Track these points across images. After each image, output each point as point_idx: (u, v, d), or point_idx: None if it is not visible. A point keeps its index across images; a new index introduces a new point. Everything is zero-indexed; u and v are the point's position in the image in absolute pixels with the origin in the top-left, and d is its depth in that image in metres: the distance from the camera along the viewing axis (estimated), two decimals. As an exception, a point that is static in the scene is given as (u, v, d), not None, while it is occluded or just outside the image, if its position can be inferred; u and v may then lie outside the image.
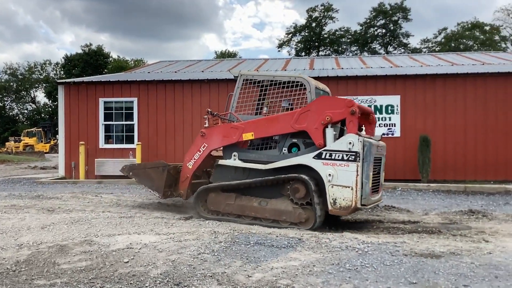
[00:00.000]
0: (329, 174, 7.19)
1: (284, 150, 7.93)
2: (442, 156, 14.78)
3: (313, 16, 57.44)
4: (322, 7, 57.23)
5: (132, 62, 65.65)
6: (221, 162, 8.50)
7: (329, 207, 7.22)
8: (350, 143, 7.08)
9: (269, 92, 8.48)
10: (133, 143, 16.08)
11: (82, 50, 63.79)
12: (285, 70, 19.41)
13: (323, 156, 7.31)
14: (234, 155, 8.32)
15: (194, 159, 8.91)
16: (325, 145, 7.35)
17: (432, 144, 14.16)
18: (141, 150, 15.61)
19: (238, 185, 8.18)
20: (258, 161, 8.11)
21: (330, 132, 7.38)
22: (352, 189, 7.06)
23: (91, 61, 60.51)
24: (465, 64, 18.70)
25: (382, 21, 54.41)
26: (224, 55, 60.12)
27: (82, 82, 16.92)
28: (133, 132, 16.36)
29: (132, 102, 16.39)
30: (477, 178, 14.61)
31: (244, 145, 8.42)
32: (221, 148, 8.68)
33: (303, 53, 56.35)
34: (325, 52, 56.85)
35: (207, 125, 8.77)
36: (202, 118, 15.97)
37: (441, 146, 14.79)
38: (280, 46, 59.75)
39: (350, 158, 7.08)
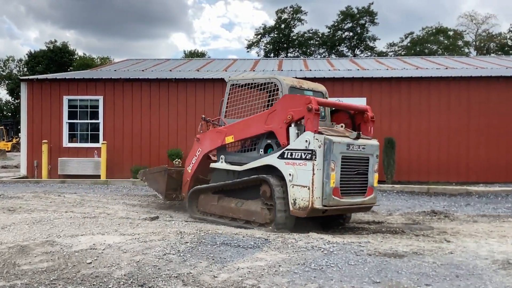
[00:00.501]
0: (290, 174, 7.14)
1: (261, 151, 7.95)
2: (407, 158, 15.08)
3: (282, 18, 57.76)
4: (291, 9, 57.62)
5: (98, 60, 64.51)
6: (212, 165, 8.86)
7: (290, 207, 7.13)
8: (306, 141, 6.96)
9: (250, 94, 8.44)
10: (98, 142, 15.80)
11: (47, 46, 62.29)
12: (254, 70, 19.44)
13: (285, 156, 7.26)
14: (221, 158, 8.56)
15: (192, 163, 9.35)
16: (288, 144, 7.31)
17: (397, 146, 14.42)
18: (106, 149, 15.35)
19: (214, 187, 8.51)
20: (239, 163, 8.18)
21: (292, 131, 7.28)
22: (309, 188, 6.88)
23: (55, 58, 59.14)
24: (430, 68, 19.14)
25: (350, 25, 55.17)
26: (193, 55, 59.76)
27: (45, 79, 16.52)
28: (99, 131, 16.07)
29: (97, 100, 16.11)
30: (440, 180, 14.96)
31: (234, 148, 8.61)
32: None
33: (272, 54, 56.57)
34: (294, 53, 57.24)
35: (200, 131, 9.31)
36: (169, 117, 15.93)
37: (405, 148, 15.08)
38: (249, 46, 59.87)
39: (307, 157, 6.92)
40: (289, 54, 56.66)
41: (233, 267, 4.98)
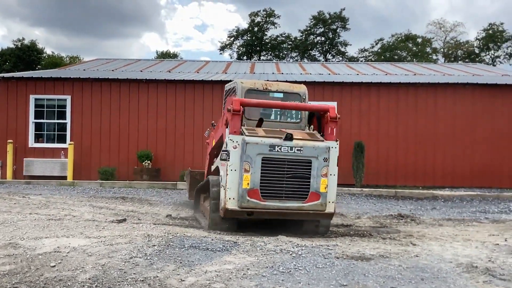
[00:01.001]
0: (220, 175, 7.30)
1: None
2: (375, 162, 15.29)
3: (256, 21, 57.88)
4: (264, 13, 57.79)
5: (68, 59, 63.28)
6: (212, 166, 9.16)
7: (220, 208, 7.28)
8: (225, 142, 7.22)
9: (228, 99, 8.41)
10: (65, 143, 15.49)
11: (14, 44, 60.64)
12: (225, 73, 19.41)
13: (220, 158, 7.40)
14: (214, 160, 8.90)
15: (206, 165, 9.91)
16: None
17: (366, 150, 14.61)
18: (73, 150, 15.05)
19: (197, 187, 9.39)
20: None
21: (226, 132, 7.29)
22: (224, 189, 6.99)
23: (23, 56, 57.65)
24: (399, 74, 19.48)
25: (322, 29, 55.69)
26: (165, 56, 59.22)
27: (12, 77, 16.12)
28: (66, 131, 15.77)
29: (65, 100, 15.82)
30: (407, 184, 15.23)
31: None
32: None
33: (244, 57, 56.59)
34: (267, 56, 57.39)
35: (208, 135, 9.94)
36: (139, 119, 15.74)
37: (374, 152, 15.30)
38: (222, 49, 59.73)
39: (225, 158, 6.97)
40: (262, 57, 56.78)
41: (201, 271, 4.94)
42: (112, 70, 19.31)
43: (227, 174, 6.85)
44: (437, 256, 5.87)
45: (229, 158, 6.86)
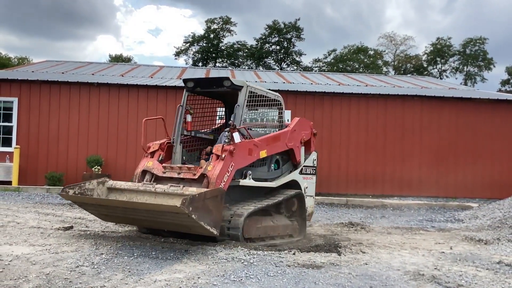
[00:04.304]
0: (305, 187, 8.67)
1: (272, 166, 8.49)
2: (327, 171, 15.50)
3: (212, 28, 57.79)
4: (221, 20, 57.82)
5: (16, 60, 61.00)
6: (242, 182, 7.50)
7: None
8: (314, 159, 9.14)
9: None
10: (11, 147, 14.88)
11: (-42, 43, 58.02)
12: (180, 79, 19.20)
13: (302, 172, 8.70)
14: (249, 173, 7.47)
15: (224, 181, 8.76)
16: (300, 162, 8.73)
17: (318, 158, 14.74)
18: (19, 154, 14.46)
19: (260, 208, 9.54)
20: (264, 179, 8.01)
21: (302, 150, 8.78)
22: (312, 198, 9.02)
23: (-33, 55, 55.26)
24: (351, 85, 19.91)
25: (277, 38, 56.23)
26: (118, 59, 58.10)
27: (-47, 77, 15.36)
28: (11, 135, 15.14)
29: (11, 102, 15.20)
30: (357, 192, 15.53)
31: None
32: None
33: (200, 63, 56.33)
34: (222, 64, 57.35)
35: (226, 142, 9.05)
36: (90, 123, 15.31)
37: (326, 161, 15.51)
38: (178, 54, 59.21)
39: (313, 172, 9.00)
40: (217, 64, 56.68)
41: (150, 280, 4.83)
42: (62, 73, 18.74)
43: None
44: (386, 264, 5.99)
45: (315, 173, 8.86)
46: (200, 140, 8.24)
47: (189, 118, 8.02)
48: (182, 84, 16.47)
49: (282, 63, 56.88)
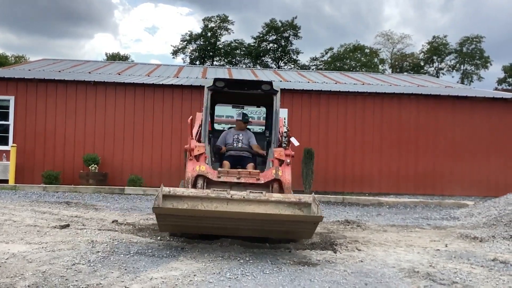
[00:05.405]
0: None
1: None
2: (324, 169, 15.54)
3: (209, 26, 57.74)
4: (218, 18, 57.78)
5: (13, 59, 60.82)
6: None
7: None
8: None
9: None
10: (7, 145, 14.87)
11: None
12: (177, 77, 19.22)
13: None
14: None
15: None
16: None
17: (315, 157, 14.83)
18: (16, 152, 14.45)
19: None
20: None
21: None
22: None
23: (-36, 53, 55.08)
24: (348, 83, 19.95)
25: (274, 37, 56.24)
26: (115, 58, 58.00)
27: (-51, 75, 15.33)
28: (8, 133, 15.13)
29: (8, 100, 15.19)
30: (354, 190, 15.58)
31: None
32: None
33: (197, 62, 56.32)
34: (220, 62, 57.33)
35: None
36: (87, 122, 15.31)
37: (323, 159, 15.55)
38: (175, 53, 59.18)
39: None
40: (215, 63, 56.67)
41: (146, 277, 4.85)
42: (59, 71, 18.72)
43: None
44: (381, 261, 6.02)
45: None
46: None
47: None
48: (179, 83, 16.50)
49: (280, 62, 56.88)
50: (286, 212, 5.91)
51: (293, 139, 7.10)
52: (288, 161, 6.82)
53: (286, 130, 7.19)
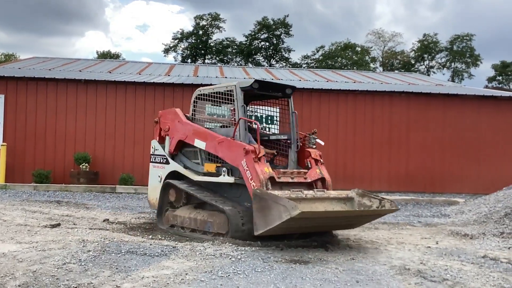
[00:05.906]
0: None
1: None
2: (316, 167, 15.53)
3: (201, 24, 57.56)
4: (210, 16, 57.61)
5: (3, 57, 60.29)
6: None
7: None
8: None
9: None
10: (-3, 144, 14.76)
11: None
12: (168, 75, 19.16)
13: None
14: None
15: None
16: None
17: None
18: (6, 151, 14.35)
19: None
20: None
21: None
22: None
23: (-48, 51, 54.47)
24: (339, 81, 19.99)
25: (266, 35, 56.17)
26: (106, 56, 57.66)
27: None
28: (-2, 132, 15.02)
29: (-2, 99, 15.07)
30: (345, 188, 15.51)
31: None
32: None
33: (189, 60, 56.12)
34: (212, 60, 57.17)
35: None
36: (77, 120, 15.21)
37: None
38: (167, 51, 58.91)
39: None
40: (206, 61, 56.50)
41: (138, 276, 4.83)
42: (49, 69, 18.59)
43: None
44: (372, 259, 6.04)
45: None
46: None
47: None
48: (170, 81, 16.44)
49: (271, 60, 56.85)
50: (337, 207, 6.86)
51: (318, 140, 7.92)
52: (322, 160, 7.61)
53: (314, 131, 7.94)
